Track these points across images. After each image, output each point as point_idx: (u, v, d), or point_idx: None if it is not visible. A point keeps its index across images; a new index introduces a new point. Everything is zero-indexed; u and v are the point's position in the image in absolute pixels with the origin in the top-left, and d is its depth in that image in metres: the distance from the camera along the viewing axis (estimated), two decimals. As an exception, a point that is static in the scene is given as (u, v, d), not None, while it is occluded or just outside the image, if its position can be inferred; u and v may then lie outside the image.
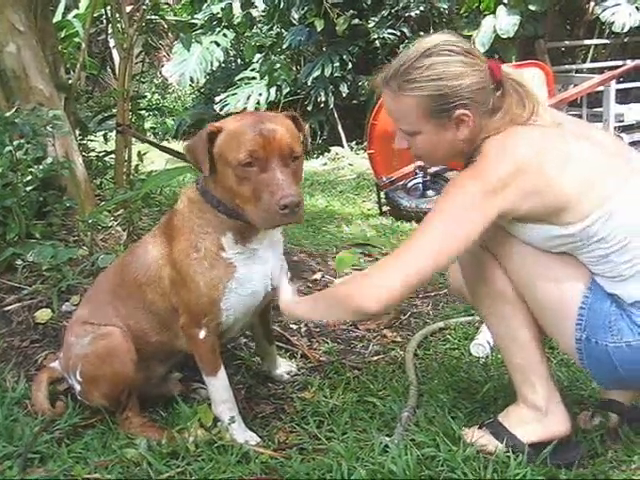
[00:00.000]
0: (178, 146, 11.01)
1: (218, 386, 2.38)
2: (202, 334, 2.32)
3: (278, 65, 9.55)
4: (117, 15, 4.56)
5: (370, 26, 9.21)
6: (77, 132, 4.47)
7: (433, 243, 2.01)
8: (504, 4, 8.79)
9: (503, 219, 2.04)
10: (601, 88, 7.99)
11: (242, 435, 2.34)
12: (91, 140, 4.97)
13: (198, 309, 2.30)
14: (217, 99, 10.74)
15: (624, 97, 8.82)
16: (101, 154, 4.93)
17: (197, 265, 2.26)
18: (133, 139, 4.80)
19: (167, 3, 7.32)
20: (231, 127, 2.16)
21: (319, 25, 8.90)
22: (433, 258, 2.00)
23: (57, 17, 5.82)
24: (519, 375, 2.22)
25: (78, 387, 2.40)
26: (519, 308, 2.17)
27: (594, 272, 2.05)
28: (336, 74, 9.40)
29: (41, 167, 3.48)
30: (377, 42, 9.23)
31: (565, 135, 2.07)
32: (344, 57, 9.43)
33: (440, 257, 2.00)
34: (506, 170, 1.97)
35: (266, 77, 9.53)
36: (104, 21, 5.51)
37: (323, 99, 9.58)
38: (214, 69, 11.34)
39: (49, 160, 3.54)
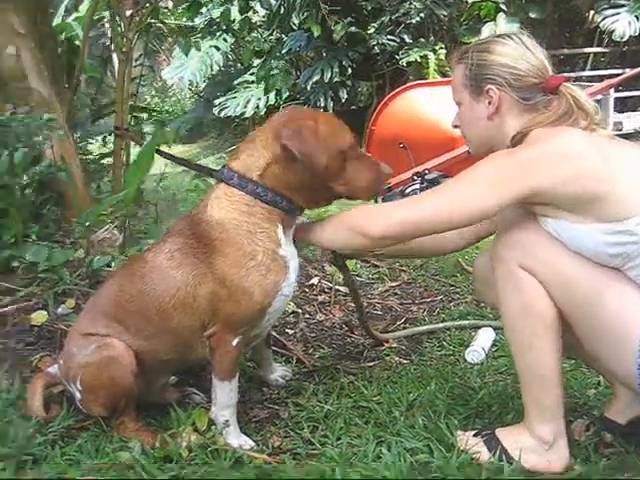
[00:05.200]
0: (176, 150, 11.03)
1: (228, 390, 2.35)
2: (236, 341, 2.28)
3: (276, 70, 9.55)
4: (117, 18, 4.56)
5: (370, 32, 9.21)
6: (75, 135, 4.47)
7: (444, 203, 2.06)
8: (504, 11, 8.84)
9: (545, 210, 2.00)
10: (600, 96, 8.01)
11: (236, 439, 2.33)
12: (89, 143, 4.97)
13: (243, 319, 2.26)
14: (216, 103, 10.76)
15: (622, 105, 8.85)
16: (98, 157, 4.92)
17: (253, 273, 2.21)
18: (132, 142, 4.80)
19: (167, 7, 7.31)
20: (323, 117, 2.29)
21: (316, 31, 8.91)
22: (437, 216, 2.06)
23: (57, 20, 5.83)
24: (533, 408, 2.13)
25: (78, 395, 2.38)
26: (555, 335, 2.06)
27: None
28: (335, 79, 9.42)
29: (38, 169, 3.48)
30: (376, 48, 9.24)
31: (620, 144, 2.13)
32: (343, 63, 9.45)
33: (445, 218, 2.06)
34: (547, 150, 1.98)
35: (264, 82, 9.54)
36: (104, 24, 5.52)
37: (322, 104, 9.60)
38: (214, 73, 11.37)
39: (46, 162, 3.54)
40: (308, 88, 9.71)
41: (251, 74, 10.65)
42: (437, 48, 9.21)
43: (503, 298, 2.11)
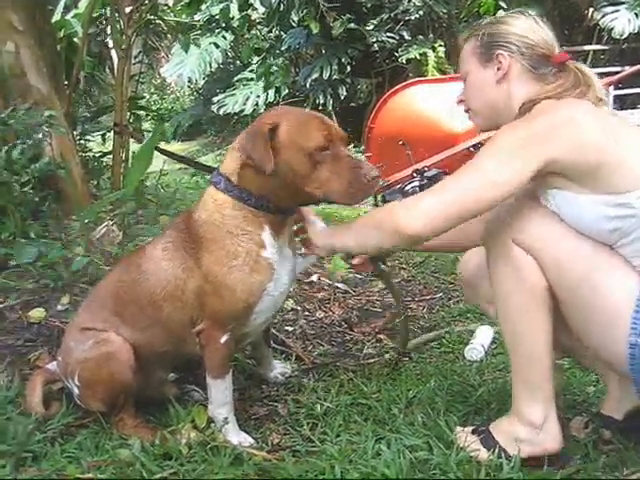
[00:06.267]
0: (175, 147, 11.03)
1: (223, 388, 2.35)
2: (224, 338, 2.29)
3: (275, 68, 9.55)
4: (116, 15, 4.56)
5: (369, 29, 9.21)
6: (74, 132, 4.47)
7: (470, 185, 2.00)
8: (503, 9, 8.83)
9: (550, 183, 2.01)
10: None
11: (236, 437, 2.33)
12: (88, 140, 4.97)
13: (229, 316, 2.27)
14: (215, 100, 10.76)
15: (622, 103, 8.85)
16: (98, 154, 4.92)
17: (236, 272, 2.22)
18: (131, 139, 4.81)
19: (166, 4, 7.31)
20: (292, 117, 2.18)
21: (314, 28, 8.92)
22: (462, 202, 1.99)
23: (56, 17, 5.82)
24: (522, 389, 2.14)
25: (76, 391, 2.38)
26: (546, 312, 2.05)
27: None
28: (335, 77, 9.42)
29: (37, 167, 3.48)
30: (375, 45, 9.24)
31: (625, 120, 2.18)
32: (343, 60, 9.45)
33: (472, 204, 1.99)
34: (554, 121, 1.98)
35: (263, 79, 9.55)
36: (103, 21, 5.51)
37: (322, 101, 9.60)
38: (213, 70, 11.36)
39: (45, 160, 3.54)
40: (307, 85, 9.70)
41: (250, 71, 10.64)
42: (436, 45, 9.21)
43: (495, 275, 2.11)
